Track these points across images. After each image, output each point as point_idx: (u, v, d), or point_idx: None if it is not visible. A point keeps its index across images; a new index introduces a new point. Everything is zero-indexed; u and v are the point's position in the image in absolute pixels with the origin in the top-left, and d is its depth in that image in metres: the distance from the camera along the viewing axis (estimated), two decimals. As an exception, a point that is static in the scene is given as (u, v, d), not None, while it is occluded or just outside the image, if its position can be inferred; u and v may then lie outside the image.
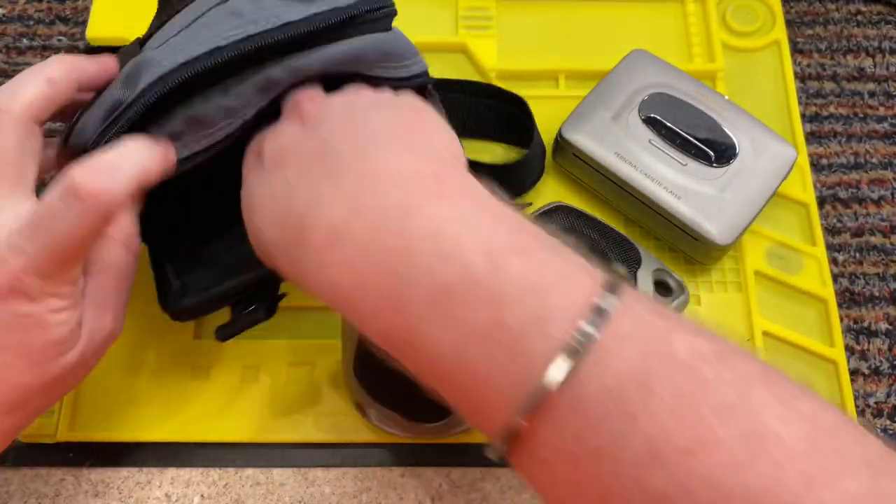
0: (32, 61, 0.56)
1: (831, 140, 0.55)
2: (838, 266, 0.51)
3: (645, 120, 0.49)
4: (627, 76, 0.51)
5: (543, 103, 0.54)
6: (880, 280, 0.50)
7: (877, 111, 0.56)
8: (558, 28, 0.57)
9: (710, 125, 0.49)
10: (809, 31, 0.58)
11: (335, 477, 0.45)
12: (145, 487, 0.44)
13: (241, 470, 0.45)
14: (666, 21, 0.57)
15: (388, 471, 0.45)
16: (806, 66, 0.57)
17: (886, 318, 0.49)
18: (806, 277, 0.49)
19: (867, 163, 0.54)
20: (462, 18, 0.57)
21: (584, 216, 0.46)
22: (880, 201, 0.53)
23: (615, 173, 0.48)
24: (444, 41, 0.56)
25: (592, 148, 0.48)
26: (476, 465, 0.45)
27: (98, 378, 0.46)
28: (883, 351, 0.49)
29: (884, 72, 0.57)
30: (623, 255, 0.44)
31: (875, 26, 0.59)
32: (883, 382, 0.48)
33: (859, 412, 0.47)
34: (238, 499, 0.44)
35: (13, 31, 0.58)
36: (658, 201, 0.47)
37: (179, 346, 0.47)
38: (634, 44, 0.53)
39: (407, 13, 0.57)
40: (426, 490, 0.45)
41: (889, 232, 0.52)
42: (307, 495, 0.44)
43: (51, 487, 0.44)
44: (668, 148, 0.48)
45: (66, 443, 0.45)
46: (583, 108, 0.50)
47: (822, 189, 0.53)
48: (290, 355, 0.47)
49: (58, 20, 0.58)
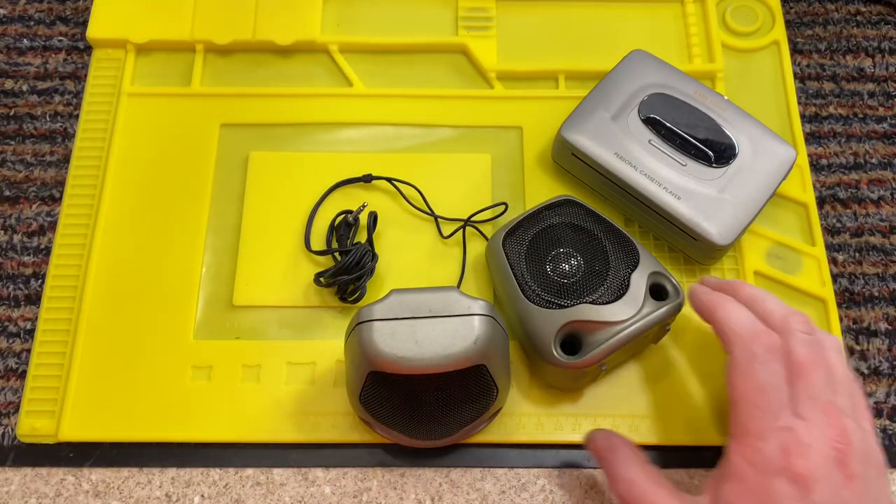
0: (32, 61, 0.57)
1: (831, 140, 0.55)
2: (838, 266, 0.51)
3: (645, 120, 0.49)
4: (627, 76, 0.51)
5: (543, 103, 0.54)
6: (880, 280, 0.50)
7: (876, 111, 0.56)
8: (558, 28, 0.57)
9: (709, 125, 0.49)
10: (809, 32, 0.58)
11: (335, 477, 0.45)
12: (145, 487, 0.44)
13: (241, 470, 0.45)
14: (666, 21, 0.57)
15: (388, 471, 0.45)
16: (805, 66, 0.57)
17: (886, 318, 0.49)
18: (805, 277, 0.49)
19: (867, 163, 0.54)
20: (462, 19, 0.57)
21: (591, 213, 0.46)
22: (880, 201, 0.53)
23: (615, 173, 0.48)
24: (444, 41, 0.56)
25: (592, 148, 0.48)
26: (476, 465, 0.45)
27: (98, 378, 0.47)
28: (882, 351, 0.49)
29: (883, 72, 0.57)
30: (623, 255, 0.44)
31: (875, 26, 0.59)
32: (883, 382, 0.48)
33: (859, 412, 0.47)
34: (238, 499, 0.44)
35: (13, 31, 0.58)
36: (658, 201, 0.47)
37: (179, 346, 0.47)
38: (634, 44, 0.53)
39: (407, 13, 0.58)
40: (426, 490, 0.45)
41: (888, 232, 0.52)
42: (307, 495, 0.44)
43: (51, 487, 0.44)
44: (667, 148, 0.48)
45: (67, 443, 0.45)
46: (583, 109, 0.50)
47: (821, 189, 0.53)
48: (291, 355, 0.47)
49: (58, 20, 0.58)
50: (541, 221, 0.46)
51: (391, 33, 0.56)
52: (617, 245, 0.45)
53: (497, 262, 0.45)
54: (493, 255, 0.46)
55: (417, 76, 0.55)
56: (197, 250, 0.50)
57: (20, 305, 0.49)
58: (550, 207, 0.46)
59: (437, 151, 0.53)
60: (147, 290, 0.49)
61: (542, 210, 0.46)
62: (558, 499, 0.44)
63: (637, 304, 0.43)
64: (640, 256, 0.44)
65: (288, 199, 0.51)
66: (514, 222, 0.46)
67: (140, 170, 0.52)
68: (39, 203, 0.52)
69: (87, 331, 0.47)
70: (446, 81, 0.55)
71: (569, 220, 0.46)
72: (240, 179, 0.52)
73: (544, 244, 0.45)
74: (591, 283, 0.44)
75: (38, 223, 0.51)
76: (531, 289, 0.44)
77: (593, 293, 0.43)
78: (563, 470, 0.45)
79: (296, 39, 0.55)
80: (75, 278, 0.49)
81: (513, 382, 0.46)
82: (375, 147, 0.53)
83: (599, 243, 0.45)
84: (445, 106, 0.54)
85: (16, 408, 0.46)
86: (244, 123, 0.53)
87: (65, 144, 0.54)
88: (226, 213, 0.51)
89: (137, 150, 0.52)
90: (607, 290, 0.43)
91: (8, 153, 0.54)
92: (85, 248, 0.50)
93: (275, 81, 0.55)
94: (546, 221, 0.46)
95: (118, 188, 0.51)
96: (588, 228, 0.45)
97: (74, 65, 0.56)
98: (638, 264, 0.44)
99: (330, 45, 0.56)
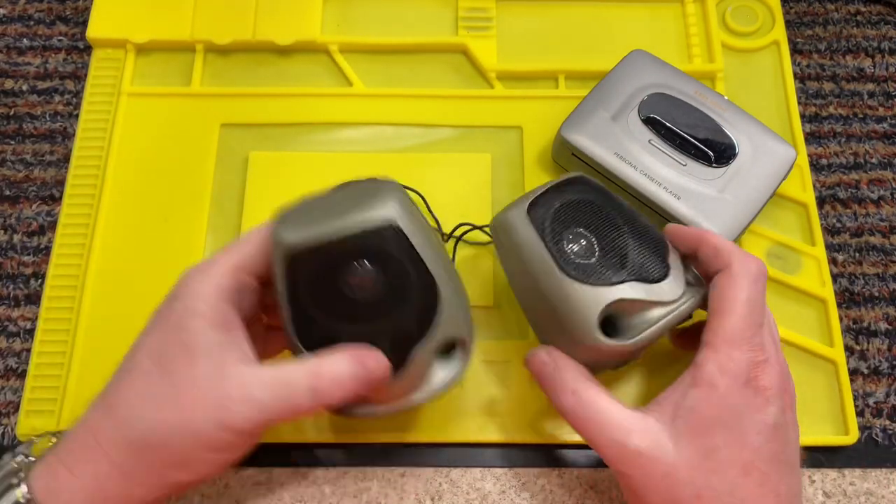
0: (32, 61, 0.57)
1: (831, 140, 0.55)
2: (838, 266, 0.51)
3: (645, 120, 0.49)
4: (627, 76, 0.51)
5: (543, 103, 0.54)
6: (880, 280, 0.50)
7: (876, 111, 0.56)
8: (558, 28, 0.57)
9: (709, 125, 0.49)
10: (809, 32, 0.58)
11: (335, 477, 0.45)
12: (145, 487, 0.44)
13: (241, 470, 0.45)
14: (666, 21, 0.57)
15: (388, 471, 0.45)
16: (805, 66, 0.57)
17: (886, 318, 0.49)
18: (805, 277, 0.50)
19: (867, 163, 0.54)
20: (462, 19, 0.57)
21: (607, 195, 0.41)
22: (880, 201, 0.53)
23: (615, 173, 0.48)
24: (444, 41, 0.56)
25: (592, 148, 0.49)
26: (476, 465, 0.45)
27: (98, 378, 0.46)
28: (882, 351, 0.49)
29: (883, 72, 0.57)
30: (655, 234, 0.40)
31: (875, 26, 0.59)
32: (882, 382, 0.48)
33: (859, 412, 0.47)
34: (238, 499, 0.44)
35: (13, 31, 0.58)
36: (658, 201, 0.47)
37: (179, 346, 0.47)
38: (634, 44, 0.53)
39: (407, 13, 0.58)
40: (426, 490, 0.45)
41: (888, 232, 0.52)
42: (307, 495, 0.44)
43: (51, 487, 0.44)
44: (667, 148, 0.48)
45: (67, 443, 0.45)
46: (583, 109, 0.50)
47: (821, 189, 0.53)
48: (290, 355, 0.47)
49: (58, 20, 0.58)
50: (564, 195, 0.40)
51: (391, 33, 0.56)
52: (646, 224, 0.41)
53: (521, 237, 0.39)
54: (514, 229, 0.39)
55: (417, 76, 0.55)
56: (197, 250, 0.50)
57: (20, 305, 0.49)
58: (559, 186, 0.41)
59: (437, 151, 0.53)
60: (147, 290, 0.48)
61: (561, 184, 0.41)
62: (558, 499, 0.44)
63: (682, 285, 0.39)
64: (664, 239, 0.41)
65: (288, 199, 0.51)
66: (536, 194, 0.40)
67: (140, 170, 0.52)
68: (39, 203, 0.52)
69: (86, 330, 0.47)
70: (446, 81, 0.55)
71: (593, 196, 0.41)
72: (240, 179, 0.52)
73: (577, 216, 0.40)
74: (635, 259, 0.39)
75: (38, 223, 0.51)
76: (570, 263, 0.38)
77: (640, 270, 0.38)
78: (563, 470, 0.45)
79: (296, 39, 0.55)
80: (75, 278, 0.49)
81: (513, 382, 0.46)
82: (375, 147, 0.53)
83: (634, 218, 0.40)
84: (445, 106, 0.54)
85: (16, 407, 0.46)
86: (244, 123, 0.53)
87: (65, 144, 0.54)
88: (226, 213, 0.51)
89: (137, 150, 0.52)
90: (653, 268, 0.39)
91: (8, 153, 0.54)
92: (85, 248, 0.50)
93: (275, 81, 0.55)
94: (570, 195, 0.40)
95: (118, 188, 0.51)
96: (617, 203, 0.41)
97: (74, 65, 0.56)
98: (667, 246, 0.40)
99: (330, 45, 0.56)
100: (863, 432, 0.46)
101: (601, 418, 0.37)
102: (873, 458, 0.46)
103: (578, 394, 0.38)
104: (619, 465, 0.37)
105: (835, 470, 0.46)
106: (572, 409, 0.38)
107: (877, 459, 0.46)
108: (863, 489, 0.45)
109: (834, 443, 0.46)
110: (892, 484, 0.45)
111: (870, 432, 0.47)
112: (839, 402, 0.47)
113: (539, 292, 0.39)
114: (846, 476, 0.46)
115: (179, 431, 0.34)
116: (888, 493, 0.45)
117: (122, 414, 0.34)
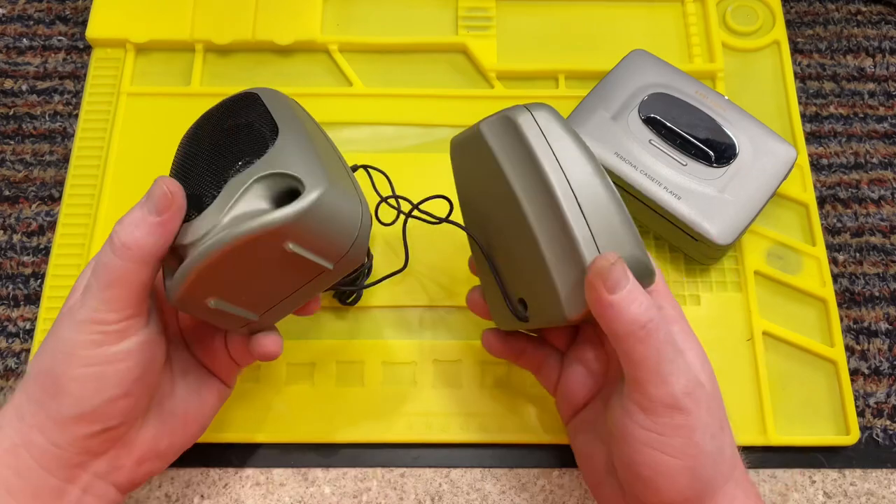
0: (32, 61, 0.57)
1: (831, 140, 0.55)
2: (838, 266, 0.51)
3: (645, 120, 0.49)
4: (627, 76, 0.51)
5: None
6: (880, 280, 0.50)
7: (877, 111, 0.56)
8: (558, 28, 0.57)
9: (710, 125, 0.49)
10: (809, 31, 0.58)
11: (335, 477, 0.45)
12: (145, 487, 0.44)
13: (241, 470, 0.45)
14: (666, 21, 0.57)
15: (389, 471, 0.45)
16: (806, 66, 0.57)
17: (886, 318, 0.49)
18: (806, 277, 0.49)
19: (867, 163, 0.54)
20: (462, 18, 0.57)
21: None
22: (880, 201, 0.53)
23: (615, 173, 0.48)
24: (444, 41, 0.56)
25: (592, 148, 0.48)
26: (476, 465, 0.45)
27: (98, 378, 0.46)
28: (883, 351, 0.49)
29: (884, 72, 0.57)
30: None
31: (875, 26, 0.59)
32: (883, 382, 0.48)
33: (859, 412, 0.47)
34: (238, 499, 0.44)
35: (13, 31, 0.58)
36: (658, 201, 0.47)
37: (179, 346, 0.47)
38: (634, 44, 0.53)
39: (407, 13, 0.58)
40: (426, 490, 0.45)
41: (889, 232, 0.52)
42: (307, 495, 0.44)
43: (50, 487, 0.44)
44: (668, 148, 0.48)
45: (66, 443, 0.45)
46: (583, 109, 0.50)
47: (822, 189, 0.53)
48: (290, 355, 0.47)
49: (58, 20, 0.58)
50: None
51: (391, 33, 0.56)
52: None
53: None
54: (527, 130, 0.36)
55: (417, 76, 0.55)
56: (197, 250, 0.49)
57: (20, 305, 0.49)
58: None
59: (437, 151, 0.53)
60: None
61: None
62: (558, 499, 0.44)
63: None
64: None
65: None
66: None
67: (140, 169, 0.52)
68: (39, 203, 0.52)
69: (86, 331, 0.47)
70: (446, 81, 0.55)
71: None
72: (239, 179, 0.52)
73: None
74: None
75: (38, 223, 0.51)
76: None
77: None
78: (563, 470, 0.45)
79: (296, 39, 0.55)
80: (75, 278, 0.49)
81: (512, 382, 0.46)
82: (375, 147, 0.53)
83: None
84: (445, 106, 0.54)
85: (15, 408, 0.46)
86: (244, 123, 0.53)
87: (64, 144, 0.54)
88: (225, 212, 0.51)
89: (137, 150, 0.52)
90: None
91: (7, 153, 0.54)
92: (84, 248, 0.50)
93: (275, 81, 0.55)
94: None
95: (118, 188, 0.51)
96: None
97: (74, 64, 0.56)
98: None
99: (330, 45, 0.56)
100: (863, 433, 0.46)
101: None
102: (874, 459, 0.46)
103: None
104: (688, 400, 0.34)
105: (835, 470, 0.46)
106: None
107: (877, 460, 0.46)
108: (863, 489, 0.45)
109: (834, 443, 0.46)
110: (892, 484, 0.45)
111: (870, 433, 0.46)
112: (840, 403, 0.47)
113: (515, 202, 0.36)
114: (847, 476, 0.46)
115: (50, 351, 0.35)
116: (889, 493, 0.45)
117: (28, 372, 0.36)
